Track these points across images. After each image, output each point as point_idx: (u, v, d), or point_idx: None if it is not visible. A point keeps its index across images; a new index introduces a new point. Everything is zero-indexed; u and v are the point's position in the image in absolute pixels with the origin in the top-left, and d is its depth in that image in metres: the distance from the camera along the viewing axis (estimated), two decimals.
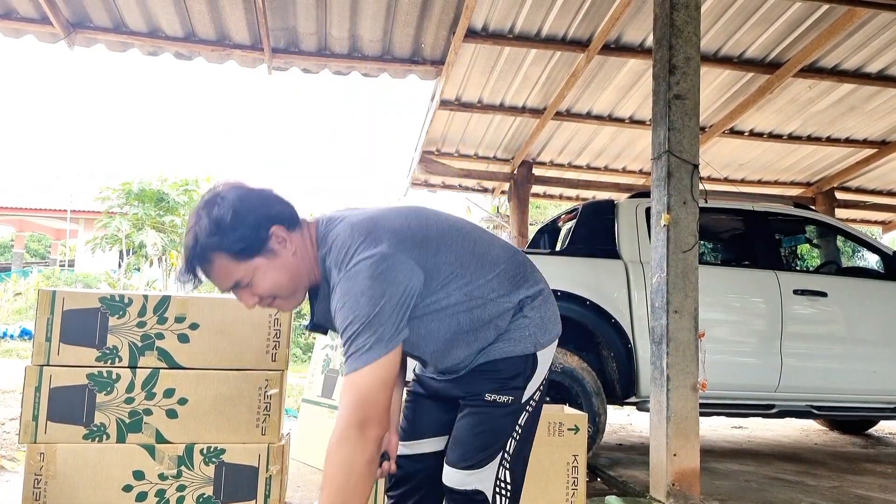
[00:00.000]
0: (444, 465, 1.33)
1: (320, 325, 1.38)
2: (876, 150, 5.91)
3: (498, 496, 1.31)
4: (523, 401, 1.33)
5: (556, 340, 1.42)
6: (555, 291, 3.37)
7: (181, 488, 2.29)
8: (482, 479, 1.30)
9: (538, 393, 1.37)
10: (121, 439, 2.26)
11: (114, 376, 2.29)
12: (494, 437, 1.31)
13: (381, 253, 1.19)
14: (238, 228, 1.20)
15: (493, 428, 1.31)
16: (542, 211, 13.86)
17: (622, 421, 5.55)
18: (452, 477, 1.31)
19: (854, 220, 7.52)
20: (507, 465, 1.32)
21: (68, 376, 2.25)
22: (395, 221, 1.27)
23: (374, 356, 1.15)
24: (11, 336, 9.06)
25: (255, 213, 1.22)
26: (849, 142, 5.81)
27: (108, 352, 2.29)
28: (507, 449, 1.32)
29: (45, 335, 2.23)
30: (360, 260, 1.19)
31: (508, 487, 1.32)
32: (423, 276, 1.23)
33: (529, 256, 3.70)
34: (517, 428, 1.33)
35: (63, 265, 18.35)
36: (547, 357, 1.38)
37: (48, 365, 2.25)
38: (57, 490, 2.20)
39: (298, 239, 1.28)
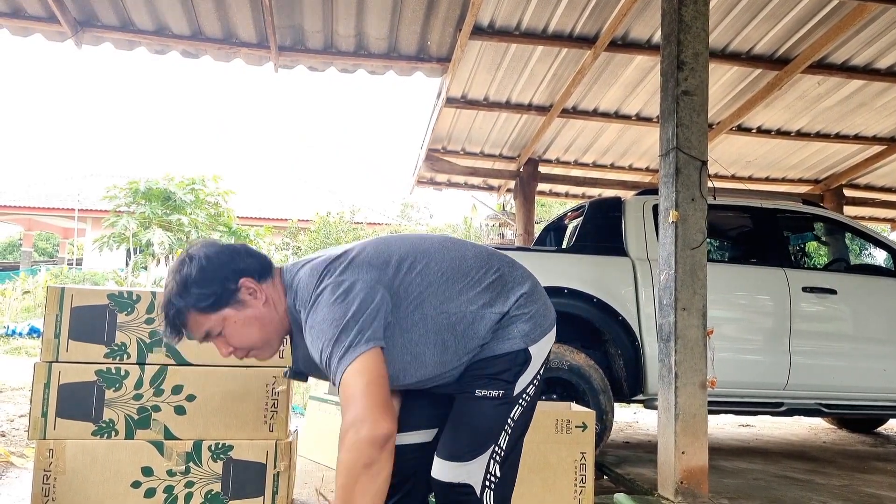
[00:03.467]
0: (435, 457, 1.34)
1: (300, 371, 1.42)
2: (885, 146, 5.86)
3: (487, 490, 1.30)
4: (515, 394, 1.33)
5: (552, 331, 1.41)
6: (562, 289, 3.40)
7: (189, 485, 2.30)
8: (471, 473, 1.29)
9: (532, 387, 1.37)
10: (129, 436, 2.26)
11: (122, 373, 2.29)
12: (485, 430, 1.31)
13: (337, 280, 1.25)
14: (204, 284, 1.27)
15: (483, 422, 1.32)
16: (548, 209, 13.84)
17: (628, 419, 5.54)
18: (440, 469, 1.31)
19: (862, 218, 7.46)
20: (498, 459, 1.32)
21: (77, 373, 2.26)
22: (354, 253, 1.32)
23: (349, 360, 1.17)
24: (20, 334, 9.11)
25: (222, 269, 1.29)
26: (858, 139, 5.76)
27: (116, 348, 2.30)
28: (500, 443, 1.32)
29: (54, 332, 2.23)
30: (319, 293, 1.25)
31: (496, 481, 1.32)
32: (388, 295, 1.26)
33: (535, 255, 3.72)
34: (509, 422, 1.33)
35: (71, 264, 18.44)
36: (541, 350, 1.37)
37: (57, 361, 2.26)
38: (66, 486, 2.21)
39: (270, 289, 1.34)
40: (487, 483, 1.30)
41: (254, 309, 1.31)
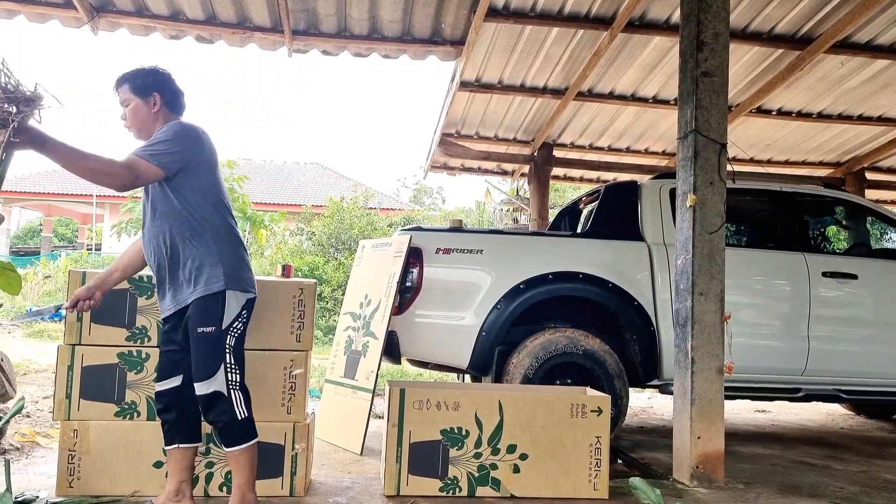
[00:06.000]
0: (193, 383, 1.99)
1: None
2: None
3: (232, 391, 1.98)
4: (223, 328, 1.99)
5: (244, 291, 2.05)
6: (577, 274, 3.39)
7: (209, 465, 2.34)
8: (216, 383, 1.96)
9: (238, 322, 2.03)
10: (151, 417, 2.31)
11: (143, 355, 2.34)
12: (213, 354, 1.97)
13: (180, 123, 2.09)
14: (142, 79, 2.10)
15: (210, 349, 1.97)
16: (562, 194, 13.73)
17: (643, 404, 5.53)
18: (197, 388, 1.97)
19: (885, 202, 7.30)
20: (232, 368, 1.99)
21: (99, 355, 2.31)
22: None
23: (146, 157, 1.95)
24: (42, 317, 9.29)
25: (157, 82, 2.11)
26: (881, 120, 5.62)
27: (137, 331, 2.34)
28: (227, 360, 1.98)
29: (76, 315, 2.28)
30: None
31: (237, 383, 2.01)
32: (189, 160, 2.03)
33: (550, 239, 3.69)
34: (227, 347, 1.99)
35: (90, 249, 18.73)
36: (237, 299, 2.02)
37: (80, 344, 2.30)
38: (90, 466, 2.27)
39: (162, 111, 2.11)
40: (232, 386, 1.98)
41: (147, 109, 2.09)
